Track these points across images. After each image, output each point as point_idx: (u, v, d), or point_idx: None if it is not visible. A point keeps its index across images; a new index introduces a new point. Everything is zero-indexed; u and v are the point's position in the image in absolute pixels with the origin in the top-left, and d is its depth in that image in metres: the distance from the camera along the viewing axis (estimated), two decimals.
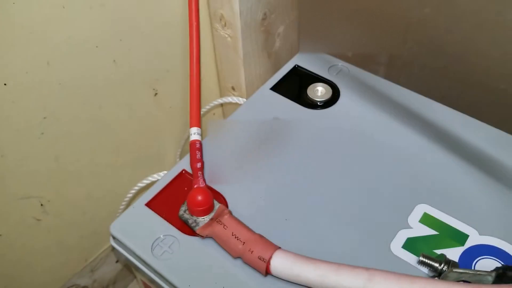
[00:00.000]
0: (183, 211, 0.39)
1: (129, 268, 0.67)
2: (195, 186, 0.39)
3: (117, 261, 0.65)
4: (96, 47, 0.45)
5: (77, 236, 0.57)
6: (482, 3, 0.43)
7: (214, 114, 0.65)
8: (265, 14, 0.53)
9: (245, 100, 0.52)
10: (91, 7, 0.42)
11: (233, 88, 0.59)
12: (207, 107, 0.56)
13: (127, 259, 0.40)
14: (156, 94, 0.54)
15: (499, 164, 0.41)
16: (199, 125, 0.44)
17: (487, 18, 0.43)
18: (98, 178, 0.54)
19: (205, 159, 0.43)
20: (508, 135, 0.44)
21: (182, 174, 0.42)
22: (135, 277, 0.67)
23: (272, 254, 0.34)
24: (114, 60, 0.47)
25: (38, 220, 0.50)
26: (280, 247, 0.35)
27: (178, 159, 0.61)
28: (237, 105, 0.54)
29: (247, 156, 0.44)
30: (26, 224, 0.49)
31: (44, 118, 0.44)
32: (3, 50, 0.38)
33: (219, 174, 0.42)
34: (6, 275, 0.51)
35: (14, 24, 0.37)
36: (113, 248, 0.40)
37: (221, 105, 0.63)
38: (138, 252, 0.37)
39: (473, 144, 0.43)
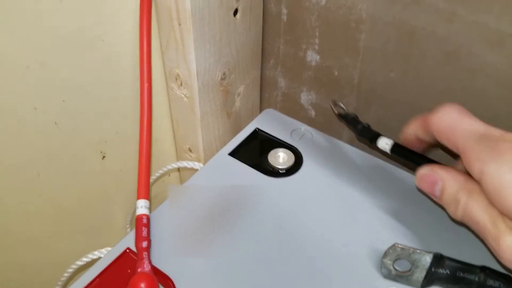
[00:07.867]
0: None
1: None
2: (139, 270, 0.34)
3: None
4: (35, 109, 0.40)
5: None
6: (448, 69, 0.41)
7: (169, 175, 0.61)
8: (224, 73, 0.50)
9: (201, 165, 0.48)
10: (28, 67, 0.38)
11: (190, 150, 0.55)
12: (160, 171, 0.51)
13: None
14: (104, 157, 0.49)
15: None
16: (147, 197, 0.40)
17: (453, 87, 0.41)
18: (35, 251, 0.48)
19: (156, 231, 0.38)
20: None
21: (126, 253, 0.37)
22: None
23: None
24: (56, 123, 0.42)
25: None
26: None
27: (128, 227, 0.56)
28: (193, 170, 0.50)
29: (201, 230, 0.39)
30: None
31: None
32: None
33: (168, 252, 0.37)
34: None
35: None
36: None
37: (178, 168, 0.59)
38: None
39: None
